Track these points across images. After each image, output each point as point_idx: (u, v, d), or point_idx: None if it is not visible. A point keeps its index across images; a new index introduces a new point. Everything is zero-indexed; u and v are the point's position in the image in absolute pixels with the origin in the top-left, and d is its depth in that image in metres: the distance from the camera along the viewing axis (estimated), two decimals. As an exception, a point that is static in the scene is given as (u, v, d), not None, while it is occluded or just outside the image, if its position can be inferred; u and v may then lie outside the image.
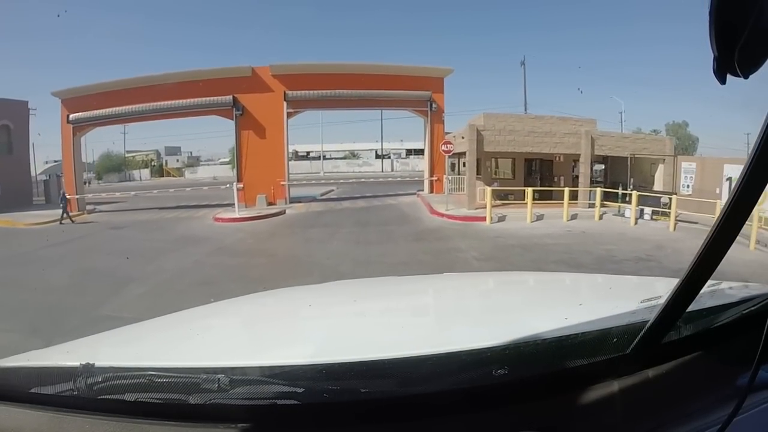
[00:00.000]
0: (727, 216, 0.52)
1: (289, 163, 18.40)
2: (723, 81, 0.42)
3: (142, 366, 0.72)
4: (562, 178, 16.20)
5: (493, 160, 16.67)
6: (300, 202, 17.80)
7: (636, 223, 11.19)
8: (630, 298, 1.03)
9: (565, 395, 0.71)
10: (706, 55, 0.41)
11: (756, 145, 0.46)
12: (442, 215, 12.75)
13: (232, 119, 17.55)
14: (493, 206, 12.59)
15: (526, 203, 11.96)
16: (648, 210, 11.39)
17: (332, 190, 23.63)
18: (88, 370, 0.69)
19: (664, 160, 14.17)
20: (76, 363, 0.70)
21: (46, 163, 55.10)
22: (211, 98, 17.21)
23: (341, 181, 22.71)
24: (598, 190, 12.66)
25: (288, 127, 17.84)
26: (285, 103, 17.39)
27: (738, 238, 0.56)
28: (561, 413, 0.71)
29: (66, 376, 0.69)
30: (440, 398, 0.68)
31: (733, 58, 0.41)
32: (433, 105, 18.53)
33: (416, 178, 22.45)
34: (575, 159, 15.54)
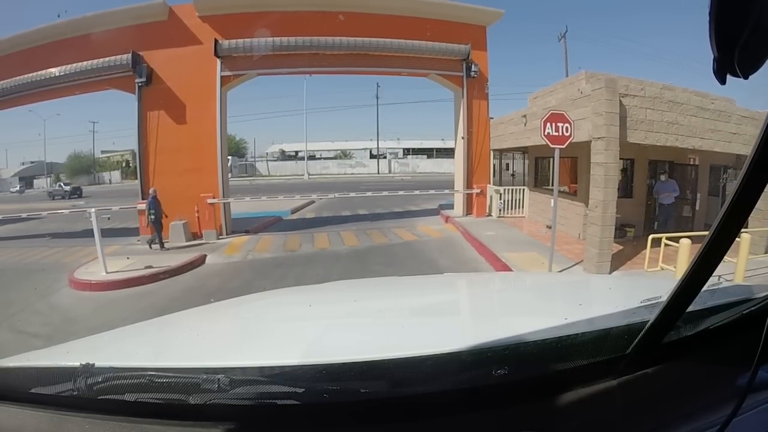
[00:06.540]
0: (727, 216, 0.52)
1: (272, 164, 10.92)
2: (723, 81, 0.42)
3: (142, 366, 0.72)
4: (698, 196, 9.03)
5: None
6: (248, 231, 10.52)
7: None
8: (630, 298, 1.01)
9: (565, 395, 0.71)
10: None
11: (756, 145, 0.46)
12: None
13: (134, 93, 10.22)
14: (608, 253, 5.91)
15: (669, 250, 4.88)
16: None
17: (312, 202, 16.76)
18: (88, 370, 0.69)
19: None
20: (76, 363, 0.71)
21: (23, 164, 48.82)
22: (97, 61, 9.88)
23: (318, 198, 15.12)
24: None
25: (226, 101, 10.37)
26: (219, 62, 9.97)
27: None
28: (561, 413, 0.70)
29: (66, 376, 0.70)
30: (440, 398, 0.68)
31: (733, 58, 0.40)
32: (473, 68, 11.11)
33: (413, 190, 15.05)
34: (713, 164, 8.73)
